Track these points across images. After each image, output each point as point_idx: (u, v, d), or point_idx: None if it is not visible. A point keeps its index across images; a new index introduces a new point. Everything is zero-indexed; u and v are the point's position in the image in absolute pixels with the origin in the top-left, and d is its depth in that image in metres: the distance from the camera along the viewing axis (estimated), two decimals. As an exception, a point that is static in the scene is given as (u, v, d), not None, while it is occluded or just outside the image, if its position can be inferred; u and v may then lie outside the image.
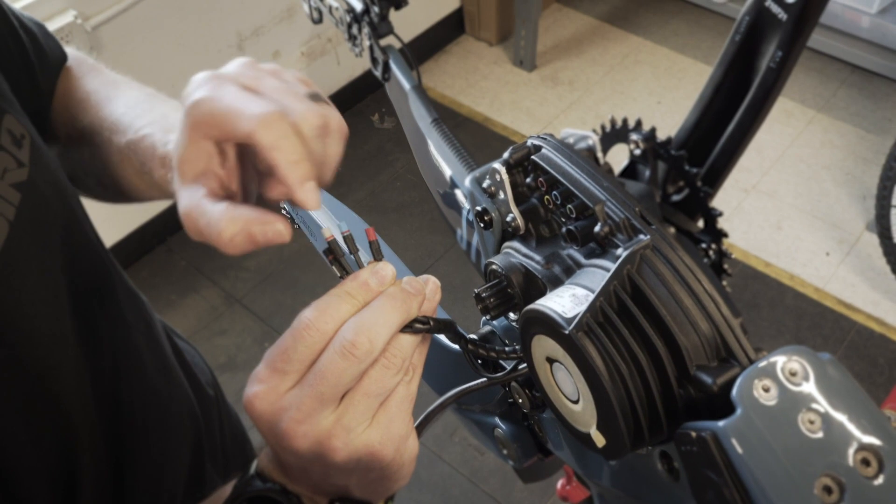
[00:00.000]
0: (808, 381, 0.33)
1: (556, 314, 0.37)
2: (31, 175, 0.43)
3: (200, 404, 0.62)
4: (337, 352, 0.34)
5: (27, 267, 0.43)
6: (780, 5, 0.39)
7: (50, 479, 0.45)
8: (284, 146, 0.34)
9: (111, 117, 0.50)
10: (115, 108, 0.50)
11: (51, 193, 0.46)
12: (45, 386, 0.43)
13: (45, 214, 0.45)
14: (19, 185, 0.42)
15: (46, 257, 0.44)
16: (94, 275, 0.50)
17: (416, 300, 0.37)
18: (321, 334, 0.34)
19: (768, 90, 0.41)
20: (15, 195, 0.42)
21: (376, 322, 0.35)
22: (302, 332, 0.35)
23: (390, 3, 0.74)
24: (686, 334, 0.35)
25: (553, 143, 0.42)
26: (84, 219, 0.51)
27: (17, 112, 0.45)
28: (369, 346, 0.34)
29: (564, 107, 2.33)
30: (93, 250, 0.51)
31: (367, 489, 0.38)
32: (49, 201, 0.45)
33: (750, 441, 0.32)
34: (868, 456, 0.32)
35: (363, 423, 0.35)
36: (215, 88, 0.36)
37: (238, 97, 0.35)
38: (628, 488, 0.44)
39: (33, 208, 0.43)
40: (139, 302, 0.57)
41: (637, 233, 0.37)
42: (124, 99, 0.51)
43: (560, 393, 0.40)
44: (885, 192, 1.68)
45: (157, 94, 0.52)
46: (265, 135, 0.34)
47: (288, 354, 0.34)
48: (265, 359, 0.35)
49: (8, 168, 0.42)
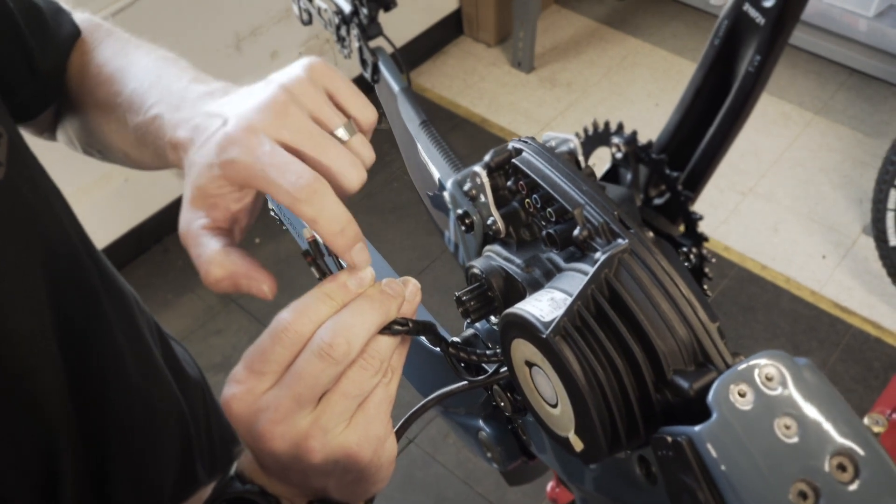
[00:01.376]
0: (785, 386, 0.33)
1: (534, 318, 0.36)
2: (7, 174, 0.43)
3: (189, 405, 0.62)
4: (314, 353, 0.34)
5: (5, 265, 0.42)
6: (757, 10, 0.39)
7: (30, 479, 0.44)
8: (326, 218, 0.35)
9: (123, 93, 0.49)
10: (127, 83, 0.49)
11: (29, 193, 0.46)
12: (23, 384, 0.43)
13: (23, 213, 0.44)
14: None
15: (25, 256, 0.44)
16: (75, 274, 0.50)
17: (395, 302, 0.37)
18: (299, 336, 0.35)
19: (747, 94, 0.41)
20: None
21: (354, 323, 0.35)
22: (279, 333, 0.35)
23: (379, 5, 0.74)
24: (663, 339, 0.35)
25: (534, 147, 0.42)
26: (66, 217, 0.51)
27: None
28: (347, 348, 0.34)
29: (562, 108, 2.33)
30: (74, 249, 0.50)
31: (346, 491, 0.38)
32: (27, 200, 0.45)
33: (725, 446, 0.32)
34: (844, 461, 0.31)
35: (341, 425, 0.35)
36: (250, 150, 0.35)
37: (274, 164, 0.35)
38: (609, 492, 0.44)
39: (11, 207, 0.43)
40: (126, 301, 0.57)
41: (616, 237, 0.37)
42: (134, 70, 0.50)
43: (539, 397, 0.40)
44: (881, 196, 1.67)
45: (166, 58, 0.50)
46: (306, 209, 0.35)
47: (265, 356, 0.35)
48: (243, 360, 0.35)
49: None
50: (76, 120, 0.56)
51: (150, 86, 0.47)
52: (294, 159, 0.35)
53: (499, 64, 2.47)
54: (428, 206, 0.72)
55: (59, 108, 0.57)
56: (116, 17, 1.62)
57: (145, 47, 0.53)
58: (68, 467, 0.46)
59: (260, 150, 0.35)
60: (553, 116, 2.31)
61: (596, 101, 2.34)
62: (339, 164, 0.37)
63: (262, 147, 0.35)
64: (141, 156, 0.51)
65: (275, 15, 2.00)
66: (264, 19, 1.98)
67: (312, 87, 0.38)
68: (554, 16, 2.61)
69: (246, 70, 2.00)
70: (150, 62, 0.50)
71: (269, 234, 2.06)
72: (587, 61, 2.45)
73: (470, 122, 2.31)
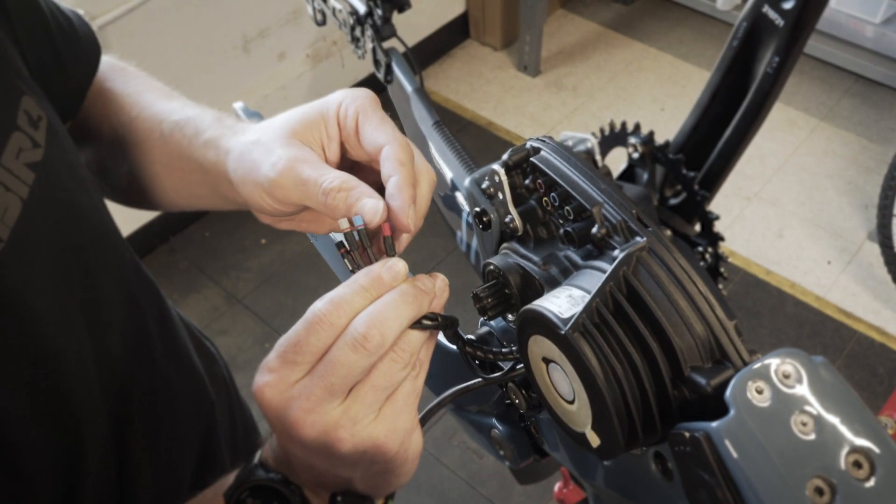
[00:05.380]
0: (802, 384, 0.33)
1: (553, 315, 0.37)
2: (45, 156, 0.44)
3: (215, 392, 0.63)
4: (349, 344, 0.34)
5: (38, 245, 0.43)
6: (777, 11, 0.39)
7: (54, 457, 0.45)
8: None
9: (153, 108, 0.52)
10: (160, 104, 0.53)
11: (65, 175, 0.46)
12: (50, 362, 0.44)
13: (59, 195, 0.45)
14: (34, 165, 0.43)
15: (57, 236, 0.45)
16: (106, 258, 0.50)
17: (426, 297, 0.38)
18: (334, 327, 0.35)
19: (765, 95, 0.42)
20: (29, 175, 0.43)
21: (388, 316, 0.35)
22: (315, 324, 0.35)
23: (393, 6, 0.75)
24: (681, 335, 0.35)
25: (552, 146, 0.42)
26: (99, 203, 0.51)
27: (37, 94, 0.45)
28: (380, 340, 0.35)
29: (568, 112, 2.34)
30: (105, 233, 0.51)
31: (370, 483, 0.38)
32: (63, 182, 0.46)
33: (743, 442, 0.32)
34: (860, 458, 0.32)
35: (370, 416, 0.36)
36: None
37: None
38: (623, 489, 0.44)
39: (47, 188, 0.44)
40: (154, 289, 0.58)
41: (633, 235, 0.37)
42: (165, 100, 0.54)
43: (556, 393, 0.40)
44: (886, 202, 1.68)
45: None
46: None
47: (300, 346, 0.35)
48: (276, 349, 0.36)
49: (23, 148, 0.42)
50: (90, 145, 0.58)
51: (186, 105, 0.52)
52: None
53: (505, 67, 2.48)
54: (440, 206, 0.72)
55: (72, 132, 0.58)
56: (126, 17, 1.63)
57: (175, 94, 0.57)
58: (92, 446, 0.47)
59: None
60: (559, 120, 2.32)
61: (601, 105, 2.35)
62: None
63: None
64: (156, 170, 0.53)
65: (282, 17, 2.01)
66: (272, 21, 1.99)
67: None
68: (560, 20, 2.62)
69: (253, 71, 2.01)
70: (184, 101, 0.55)
71: (276, 236, 2.07)
72: (593, 66, 2.46)
73: (476, 125, 2.32)
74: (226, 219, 2.10)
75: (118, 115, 0.54)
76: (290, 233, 2.06)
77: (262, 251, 2.05)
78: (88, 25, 0.56)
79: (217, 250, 2.05)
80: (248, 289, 1.97)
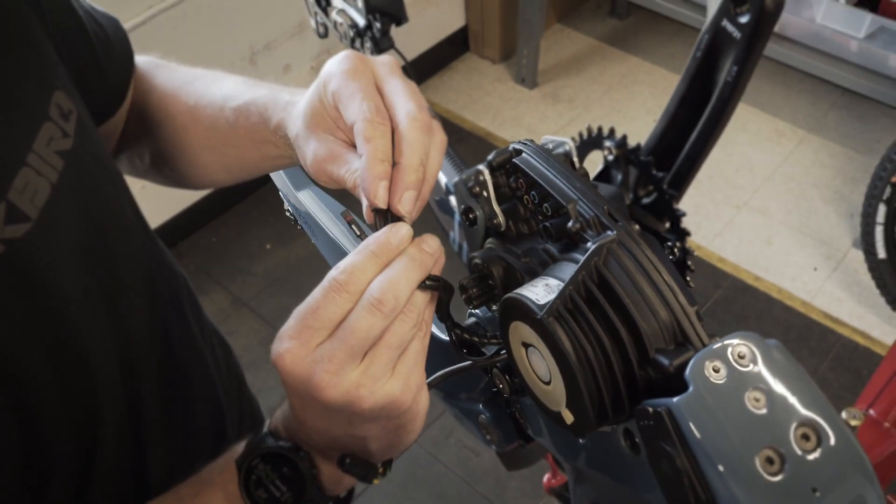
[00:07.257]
0: (756, 364, 0.36)
1: (531, 301, 0.40)
2: (74, 146, 0.47)
3: (225, 384, 0.66)
4: (366, 308, 0.37)
5: (64, 227, 0.46)
6: (734, 25, 0.43)
7: (73, 424, 0.47)
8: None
9: (215, 94, 0.56)
10: (219, 86, 0.57)
11: (92, 165, 0.49)
12: (72, 340, 0.46)
13: (85, 183, 0.48)
14: (63, 152, 0.46)
15: (83, 221, 0.47)
16: (129, 246, 0.53)
17: (431, 259, 0.40)
18: (351, 294, 0.38)
19: (726, 101, 0.46)
20: (59, 161, 0.45)
21: (400, 280, 0.38)
22: (333, 291, 0.38)
23: (391, 19, 0.79)
24: (646, 320, 0.38)
25: (532, 148, 0.46)
26: (124, 194, 0.54)
27: (69, 91, 0.48)
28: (395, 303, 0.37)
29: (564, 123, 2.38)
30: (128, 221, 0.54)
31: (385, 440, 0.41)
32: (90, 171, 0.49)
33: (700, 415, 0.35)
34: (807, 431, 0.34)
35: (386, 374, 0.38)
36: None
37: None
38: (599, 466, 0.47)
39: (74, 176, 0.46)
40: (175, 279, 0.61)
41: (605, 229, 0.41)
42: (216, 84, 0.58)
43: (534, 375, 0.44)
44: (870, 210, 1.72)
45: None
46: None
47: (319, 313, 0.37)
48: (294, 317, 0.38)
49: (54, 137, 0.45)
50: (143, 137, 0.61)
51: (250, 86, 0.56)
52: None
53: (503, 80, 2.52)
54: (434, 209, 0.76)
55: (124, 132, 0.62)
56: (135, 31, 1.66)
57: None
58: (110, 417, 0.49)
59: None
60: (555, 131, 2.36)
61: (597, 116, 2.39)
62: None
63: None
64: (228, 142, 0.56)
65: (288, 30, 2.05)
66: (278, 34, 2.03)
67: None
68: (557, 34, 2.67)
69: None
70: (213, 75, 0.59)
71: (281, 241, 2.10)
72: (588, 78, 2.50)
73: (475, 136, 2.36)
74: (232, 225, 2.13)
75: (175, 105, 0.58)
76: (294, 238, 2.08)
77: (267, 256, 2.08)
78: (120, 26, 0.60)
79: (224, 255, 2.08)
80: (254, 292, 2.00)
